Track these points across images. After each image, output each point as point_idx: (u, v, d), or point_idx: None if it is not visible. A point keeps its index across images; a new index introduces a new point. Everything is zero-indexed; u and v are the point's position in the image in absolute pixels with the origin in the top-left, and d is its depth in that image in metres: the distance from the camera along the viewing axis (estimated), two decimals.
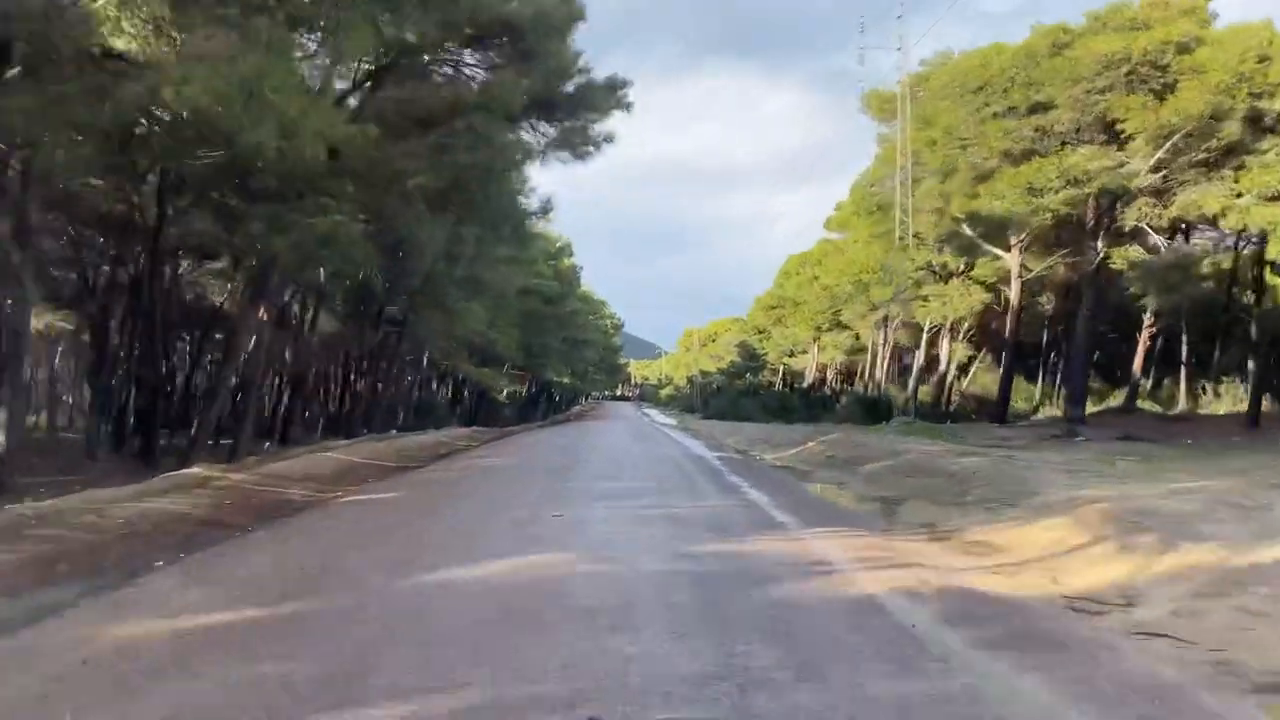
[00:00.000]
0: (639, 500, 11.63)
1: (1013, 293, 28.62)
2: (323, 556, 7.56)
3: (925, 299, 34.19)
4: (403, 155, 12.62)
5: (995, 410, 38.42)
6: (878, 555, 8.09)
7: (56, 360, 30.97)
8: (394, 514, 10.67)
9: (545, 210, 21.33)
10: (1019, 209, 22.10)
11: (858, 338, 51.11)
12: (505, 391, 51.98)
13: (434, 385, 49.46)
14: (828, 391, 61.92)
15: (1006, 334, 29.94)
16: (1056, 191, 21.52)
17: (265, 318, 16.84)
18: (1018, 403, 39.52)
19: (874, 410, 42.61)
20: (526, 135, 16.18)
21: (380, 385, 27.74)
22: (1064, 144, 23.17)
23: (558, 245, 43.52)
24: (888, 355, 44.02)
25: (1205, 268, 26.02)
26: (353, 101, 14.35)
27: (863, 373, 63.59)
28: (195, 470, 13.84)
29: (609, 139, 15.14)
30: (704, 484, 14.23)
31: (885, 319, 42.86)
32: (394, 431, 30.12)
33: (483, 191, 14.56)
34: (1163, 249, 23.05)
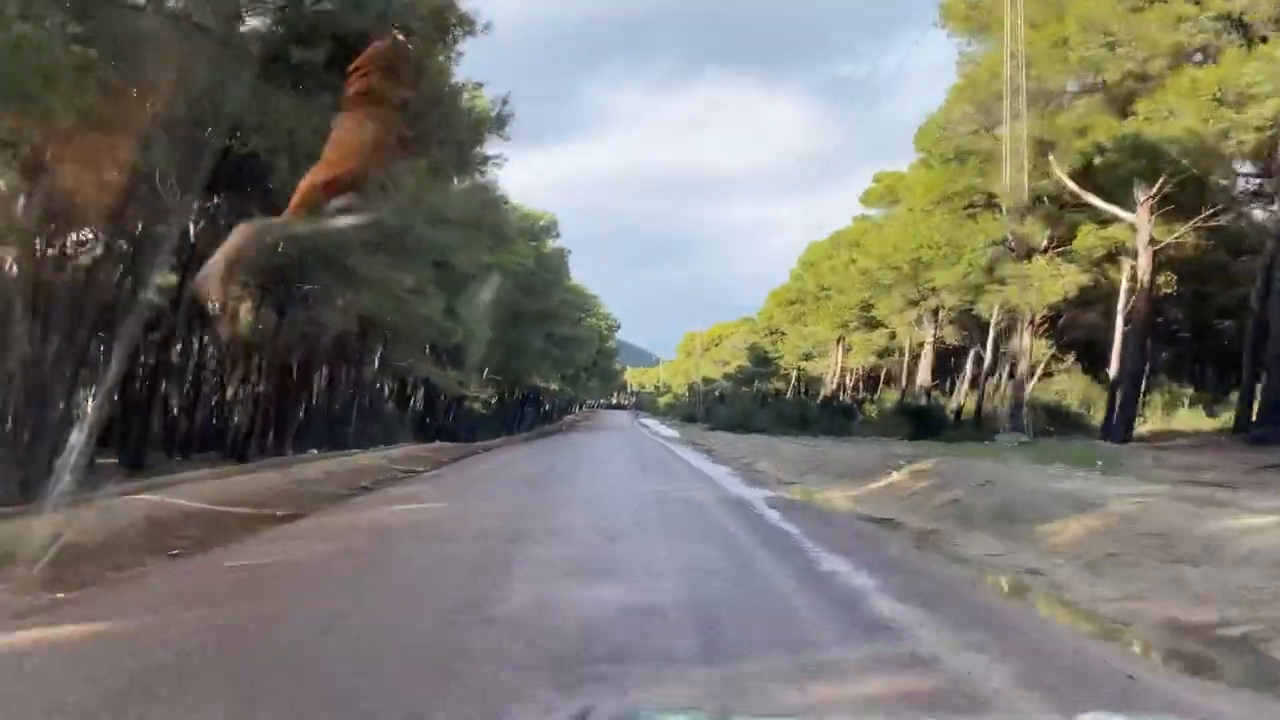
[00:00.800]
0: (660, 677, 4.35)
1: (1141, 267, 21.43)
2: None
3: (1000, 283, 27.08)
4: None
5: (1085, 423, 31.57)
6: None
7: None
8: None
9: (502, 122, 14.17)
10: (1210, 130, 14.92)
11: (893, 336, 43.90)
12: (486, 399, 44.85)
13: (403, 392, 42.23)
14: (847, 399, 54.65)
15: (1126, 322, 22.78)
16: (1264, 99, 14.35)
17: None
18: (1095, 413, 32.43)
19: (924, 421, 35.42)
20: None
21: (294, 389, 20.50)
22: (1250, 41, 16.06)
23: (540, 223, 36.22)
24: (932, 356, 36.84)
25: None
26: None
27: (887, 378, 56.33)
28: None
29: None
30: (787, 586, 6.92)
31: (936, 311, 35.67)
32: (314, 451, 22.87)
33: None
34: None
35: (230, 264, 3.98)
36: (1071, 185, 22.51)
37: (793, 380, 66.98)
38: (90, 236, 12.04)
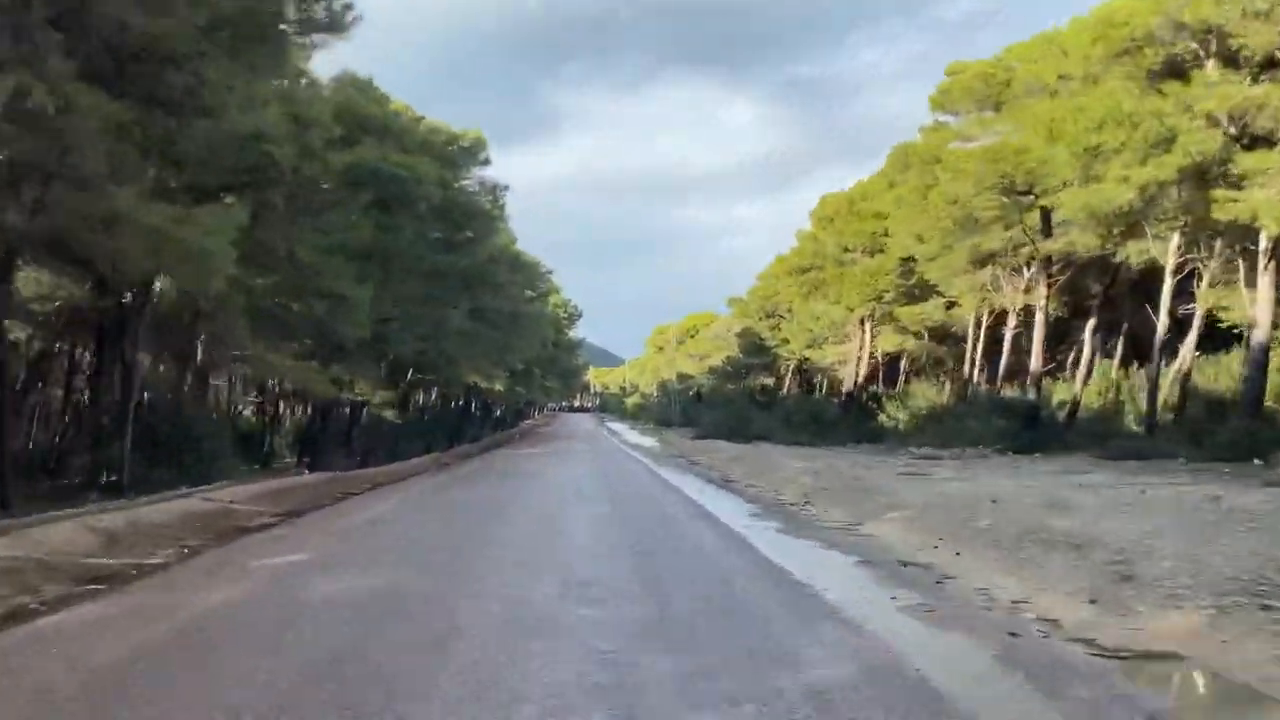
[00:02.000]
0: None
1: None
2: None
3: (1237, 183, 15.88)
4: None
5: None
6: None
7: None
8: None
9: None
10: None
11: (950, 306, 32.49)
12: (393, 402, 32.72)
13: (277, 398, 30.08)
14: (864, 397, 43.25)
15: None
16: None
17: None
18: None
19: (1034, 424, 24.04)
20: None
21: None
22: None
23: (459, 142, 24.07)
24: (1044, 326, 25.33)
25: None
26: None
27: (913, 367, 45.17)
28: None
29: None
30: None
31: (1049, 261, 24.18)
32: None
33: None
34: None
35: None
36: None
37: (790, 373, 55.43)
38: None
